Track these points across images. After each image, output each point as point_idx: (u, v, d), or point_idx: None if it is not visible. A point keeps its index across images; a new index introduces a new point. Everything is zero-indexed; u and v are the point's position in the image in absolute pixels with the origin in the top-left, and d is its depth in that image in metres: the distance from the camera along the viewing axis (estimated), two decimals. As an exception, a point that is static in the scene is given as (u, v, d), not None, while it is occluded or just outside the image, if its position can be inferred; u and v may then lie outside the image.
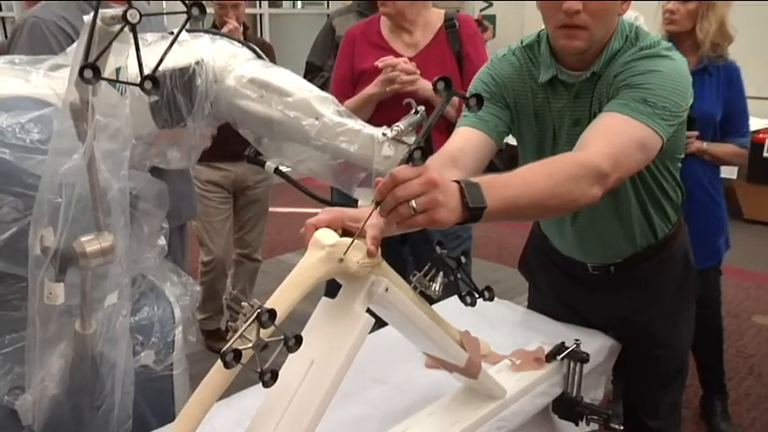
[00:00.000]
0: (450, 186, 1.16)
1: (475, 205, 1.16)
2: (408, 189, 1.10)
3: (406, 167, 1.11)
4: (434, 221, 1.12)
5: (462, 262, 1.34)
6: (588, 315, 1.91)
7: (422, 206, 1.11)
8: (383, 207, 1.13)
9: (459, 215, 1.16)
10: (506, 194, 1.22)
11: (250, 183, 3.66)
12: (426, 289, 1.33)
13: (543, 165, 1.33)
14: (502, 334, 1.88)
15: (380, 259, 1.21)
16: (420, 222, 1.12)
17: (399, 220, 1.12)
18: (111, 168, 1.34)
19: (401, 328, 1.37)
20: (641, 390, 1.88)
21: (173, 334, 1.64)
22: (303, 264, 1.16)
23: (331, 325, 1.19)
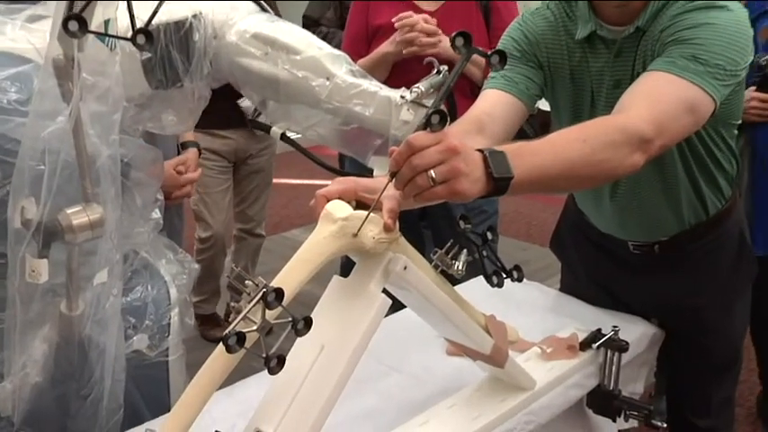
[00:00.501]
0: (473, 155, 1.15)
1: (500, 175, 1.16)
2: (426, 157, 1.10)
3: (423, 133, 1.11)
4: (455, 193, 1.12)
5: (489, 238, 1.35)
6: (628, 299, 1.91)
7: (441, 176, 1.11)
8: (399, 178, 1.13)
9: (482, 186, 1.15)
10: (536, 163, 1.22)
11: (252, 151, 3.67)
12: (448, 268, 1.34)
13: (578, 130, 1.32)
14: (531, 319, 1.88)
15: (398, 234, 1.21)
16: (440, 194, 1.12)
17: (417, 191, 1.12)
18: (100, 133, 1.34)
19: (420, 310, 1.38)
20: (689, 384, 1.88)
21: (168, 316, 1.65)
22: (313, 239, 1.16)
23: (343, 306, 1.19)
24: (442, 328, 1.44)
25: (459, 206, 2.58)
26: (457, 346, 1.48)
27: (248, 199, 3.83)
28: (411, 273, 1.24)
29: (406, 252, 1.25)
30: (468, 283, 1.86)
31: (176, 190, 2.26)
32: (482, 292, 1.50)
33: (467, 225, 1.34)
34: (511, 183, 1.17)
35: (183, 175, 2.27)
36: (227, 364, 1.09)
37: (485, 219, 2.70)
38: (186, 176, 2.30)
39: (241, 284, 1.06)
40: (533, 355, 1.67)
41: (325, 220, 1.18)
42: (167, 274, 1.70)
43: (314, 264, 1.14)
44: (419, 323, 1.43)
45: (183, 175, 2.28)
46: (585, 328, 1.74)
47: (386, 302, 1.18)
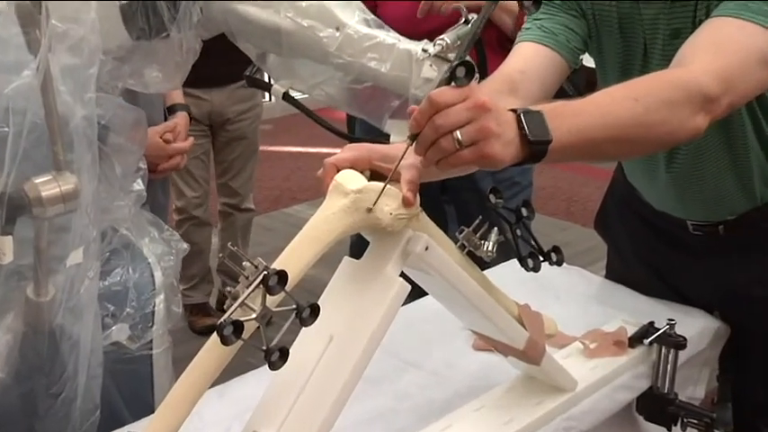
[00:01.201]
0: (505, 114, 1.16)
1: (536, 138, 1.17)
2: (451, 116, 1.11)
3: (447, 89, 1.12)
4: (485, 157, 1.13)
5: (523, 215, 1.35)
6: (687, 288, 1.92)
7: (469, 137, 1.11)
8: (420, 141, 1.14)
9: (515, 151, 1.16)
10: (578, 125, 1.22)
11: (230, 115, 3.68)
12: (476, 249, 1.35)
13: (628, 87, 1.32)
14: (572, 309, 1.90)
15: (419, 210, 1.22)
16: (467, 158, 1.12)
17: (441, 156, 1.13)
18: (73, 90, 1.35)
19: (443, 298, 1.39)
20: (759, 388, 1.88)
21: (152, 304, 1.67)
22: (321, 215, 1.17)
23: (355, 292, 1.21)
24: (468, 318, 1.45)
25: (487, 178, 2.58)
26: (485, 339, 1.49)
27: (231, 170, 3.85)
28: (433, 254, 1.24)
29: (428, 230, 1.25)
30: (498, 267, 1.87)
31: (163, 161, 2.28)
32: (515, 277, 1.51)
33: (498, 199, 1.34)
34: (549, 147, 1.18)
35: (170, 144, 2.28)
36: (222, 358, 1.11)
37: (518, 192, 2.71)
38: (175, 146, 2.31)
39: (237, 266, 1.07)
40: (574, 352, 1.68)
41: (334, 193, 1.19)
42: (151, 255, 1.72)
43: (322, 243, 1.15)
44: (442, 313, 1.44)
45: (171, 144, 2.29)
46: (635, 320, 1.74)
47: (404, 288, 1.19)
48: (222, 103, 3.61)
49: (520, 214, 1.36)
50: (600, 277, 2.10)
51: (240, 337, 1.01)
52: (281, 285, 1.03)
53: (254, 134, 3.84)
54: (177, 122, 2.38)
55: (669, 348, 1.65)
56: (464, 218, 2.83)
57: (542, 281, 1.91)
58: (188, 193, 3.72)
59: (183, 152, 2.34)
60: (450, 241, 1.32)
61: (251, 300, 1.04)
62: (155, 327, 1.68)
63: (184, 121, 2.43)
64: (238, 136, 3.74)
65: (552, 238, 4.57)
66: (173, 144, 2.30)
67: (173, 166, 2.32)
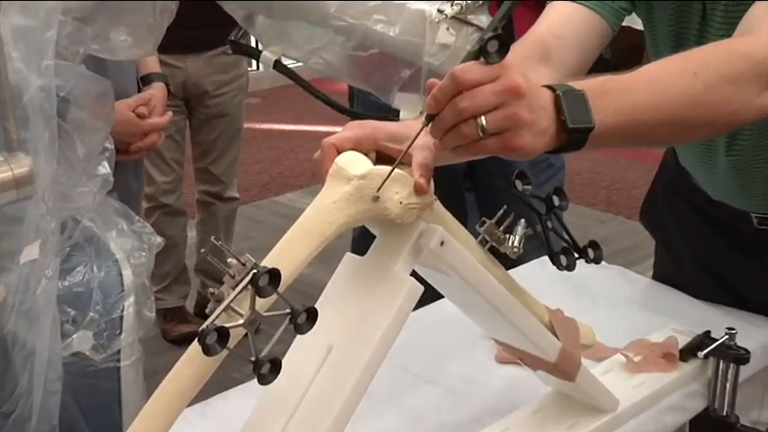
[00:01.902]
0: (540, 95, 1.16)
1: (576, 125, 1.17)
2: (477, 99, 1.11)
3: (474, 65, 1.12)
4: (511, 149, 1.13)
5: (555, 204, 1.36)
6: (749, 292, 1.92)
7: (495, 125, 1.12)
8: (438, 124, 1.14)
9: (550, 140, 1.17)
10: (626, 106, 1.23)
11: (209, 87, 3.68)
12: (500, 244, 1.35)
13: (685, 59, 1.32)
14: (613, 315, 1.90)
15: (433, 198, 1.23)
16: (490, 148, 1.13)
17: (460, 143, 1.14)
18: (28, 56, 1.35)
19: (462, 301, 1.40)
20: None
21: (120, 308, 1.68)
22: (318, 204, 1.18)
23: (359, 295, 1.22)
24: (490, 325, 1.46)
25: (519, 160, 2.60)
26: (510, 350, 1.50)
27: (211, 152, 3.85)
28: (450, 250, 1.25)
29: (444, 222, 1.26)
30: (526, 266, 1.88)
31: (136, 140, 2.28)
32: (545, 277, 1.52)
33: (525, 186, 1.35)
34: (591, 135, 1.19)
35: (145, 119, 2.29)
36: (203, 371, 1.11)
37: (550, 176, 2.72)
38: (150, 121, 2.32)
39: (222, 264, 1.08)
40: (616, 366, 1.68)
41: (335, 179, 1.20)
42: (119, 251, 1.73)
43: (319, 237, 1.16)
44: (459, 319, 1.44)
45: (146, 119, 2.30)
46: (688, 329, 1.74)
47: (415, 290, 1.20)
48: (199, 72, 3.61)
49: (551, 203, 1.36)
50: (646, 278, 2.10)
51: (225, 345, 1.01)
52: (273, 286, 1.04)
53: (238, 110, 3.84)
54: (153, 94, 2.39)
55: (728, 363, 1.65)
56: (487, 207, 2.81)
57: (577, 282, 1.92)
58: (157, 178, 3.73)
59: (160, 129, 2.35)
60: (469, 235, 1.33)
61: (237, 303, 1.04)
62: (123, 335, 1.69)
63: (161, 93, 2.44)
64: (219, 112, 3.75)
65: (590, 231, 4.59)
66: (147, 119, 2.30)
67: (148, 145, 2.33)
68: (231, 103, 3.77)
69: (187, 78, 3.60)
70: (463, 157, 1.18)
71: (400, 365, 1.70)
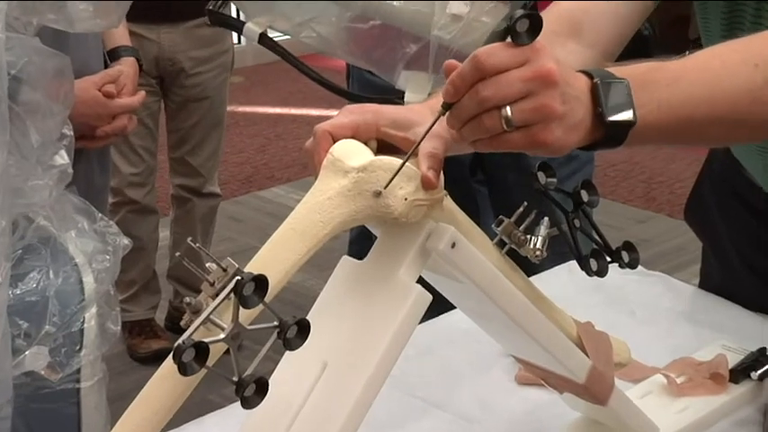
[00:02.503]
0: (576, 83, 1.16)
1: (616, 119, 1.17)
2: (503, 86, 1.11)
3: (500, 47, 1.12)
4: (541, 145, 1.14)
5: (583, 200, 1.36)
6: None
7: (522, 117, 1.12)
8: (456, 113, 1.15)
9: (584, 135, 1.17)
10: (671, 99, 1.22)
11: (186, 64, 3.67)
12: (520, 247, 1.35)
13: (746, 46, 1.31)
14: (652, 329, 1.91)
15: (443, 194, 1.24)
16: (515, 143, 1.14)
17: (481, 136, 1.15)
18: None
19: (476, 312, 1.41)
20: None
21: (81, 320, 1.68)
22: (311, 201, 1.19)
23: (357, 305, 1.22)
24: (509, 341, 1.47)
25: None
26: (532, 370, 1.50)
27: (189, 140, 3.85)
28: (463, 253, 1.25)
29: (455, 221, 1.27)
30: (551, 272, 1.88)
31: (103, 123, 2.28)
32: (573, 285, 1.52)
33: (549, 178, 1.35)
34: (631, 131, 1.19)
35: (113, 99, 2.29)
36: (177, 394, 1.11)
37: (578, 168, 2.71)
38: (120, 102, 2.32)
39: (199, 270, 1.09)
40: (655, 388, 1.68)
41: (329, 172, 1.20)
42: (79, 254, 1.73)
43: (312, 239, 1.16)
44: (473, 333, 1.45)
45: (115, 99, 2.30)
46: (740, 346, 1.75)
47: (423, 299, 1.20)
48: (175, 46, 3.60)
49: (579, 199, 1.36)
50: (692, 286, 2.11)
51: (204, 364, 1.02)
52: (260, 295, 1.04)
53: (221, 92, 3.83)
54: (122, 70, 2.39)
55: (786, 384, 1.67)
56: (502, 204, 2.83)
57: (611, 290, 1.93)
58: (124, 169, 3.72)
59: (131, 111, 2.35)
60: (484, 236, 1.34)
61: (218, 315, 1.05)
62: (83, 351, 1.69)
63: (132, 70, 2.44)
64: (199, 94, 3.74)
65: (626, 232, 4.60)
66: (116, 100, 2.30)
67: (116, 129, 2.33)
68: (213, 84, 3.76)
69: (161, 53, 3.59)
70: (481, 150, 1.19)
71: (405, 387, 1.71)
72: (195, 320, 1.04)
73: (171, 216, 4.04)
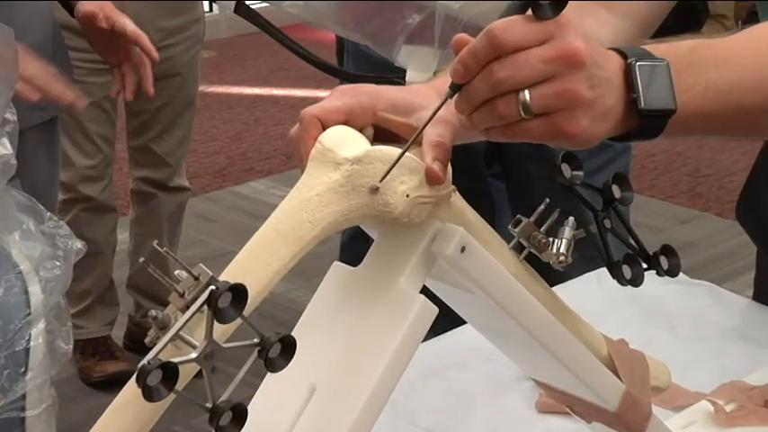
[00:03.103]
0: (608, 64, 1.17)
1: (652, 107, 1.18)
2: (522, 67, 1.12)
3: (519, 21, 1.12)
4: (564, 136, 1.15)
5: (615, 197, 1.37)
6: None
7: (542, 103, 1.12)
8: (466, 97, 1.16)
9: (615, 124, 1.18)
10: (721, 84, 1.22)
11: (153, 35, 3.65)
12: (541, 251, 1.36)
13: None
14: (697, 348, 1.92)
15: (451, 189, 1.25)
16: (534, 133, 1.15)
17: (495, 124, 1.16)
18: None
19: (489, 328, 1.42)
20: None
21: (26, 336, 1.69)
22: (297, 197, 1.20)
23: (351, 319, 1.23)
24: (528, 361, 1.48)
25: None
26: (555, 395, 1.51)
27: (154, 125, 3.85)
28: (474, 258, 1.26)
29: (465, 221, 1.28)
30: (577, 281, 1.89)
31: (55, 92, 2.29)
32: (604, 296, 1.53)
33: (575, 171, 1.36)
34: (670, 120, 1.19)
35: None
36: (141, 424, 1.12)
37: (610, 159, 2.72)
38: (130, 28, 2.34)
39: (166, 278, 1.10)
40: (700, 416, 1.69)
41: (319, 164, 1.21)
42: (24, 260, 1.73)
43: (298, 242, 1.17)
44: (486, 352, 1.46)
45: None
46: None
47: (428, 312, 1.21)
48: (140, 14, 3.58)
49: (610, 195, 1.37)
50: (744, 298, 2.12)
51: (173, 388, 1.02)
52: (237, 308, 1.04)
53: (193, 68, 3.84)
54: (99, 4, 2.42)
55: None
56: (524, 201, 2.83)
57: (648, 302, 1.94)
58: (78, 161, 3.73)
59: None
60: (499, 239, 1.35)
61: (188, 330, 1.05)
62: (29, 374, 1.69)
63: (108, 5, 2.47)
64: (167, 71, 3.73)
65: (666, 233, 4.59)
66: None
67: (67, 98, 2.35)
68: (184, 58, 3.77)
69: None
70: (495, 140, 1.20)
71: (406, 415, 1.71)
72: (162, 337, 1.04)
73: (131, 215, 4.04)
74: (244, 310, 1.06)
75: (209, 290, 1.03)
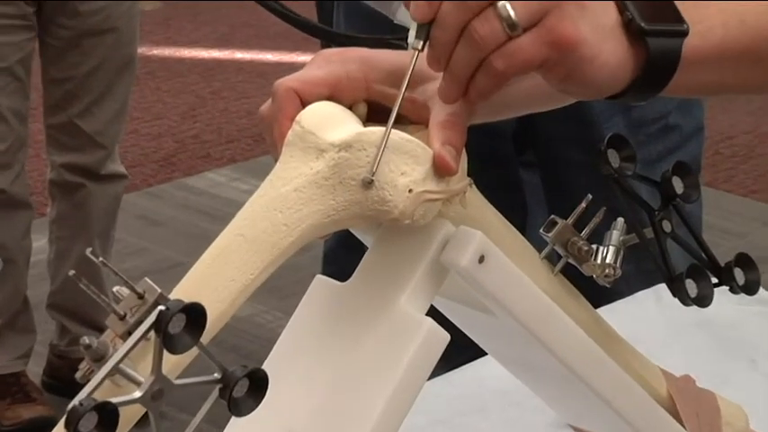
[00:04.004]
0: None
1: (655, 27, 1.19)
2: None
3: None
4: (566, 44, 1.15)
5: (677, 193, 1.38)
6: None
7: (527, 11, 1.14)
8: (436, 36, 1.17)
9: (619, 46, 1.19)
10: (747, 15, 1.26)
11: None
12: (582, 261, 1.38)
13: None
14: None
15: (467, 182, 1.27)
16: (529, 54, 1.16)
17: (476, 58, 1.16)
18: None
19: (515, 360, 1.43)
20: None
21: None
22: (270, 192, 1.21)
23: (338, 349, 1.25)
24: (564, 403, 1.49)
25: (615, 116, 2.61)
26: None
27: (81, 95, 3.86)
28: (496, 271, 1.27)
29: (485, 223, 1.30)
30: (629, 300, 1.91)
31: None
32: (663, 319, 1.53)
33: (625, 162, 1.37)
34: (681, 55, 1.21)
35: None
36: None
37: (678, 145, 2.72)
38: None
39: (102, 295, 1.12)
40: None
41: (297, 150, 1.23)
42: None
43: (270, 250, 1.19)
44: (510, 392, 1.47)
45: None
46: None
47: (436, 339, 1.23)
48: None
49: (670, 190, 1.39)
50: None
51: None
52: (193, 334, 1.05)
53: (131, 22, 3.85)
54: None
55: None
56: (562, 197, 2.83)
57: (719, 328, 1.94)
58: None
59: None
60: (528, 246, 1.37)
61: (131, 363, 1.07)
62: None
63: None
64: (99, 26, 3.75)
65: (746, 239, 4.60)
66: None
67: None
68: (119, 10, 3.78)
69: None
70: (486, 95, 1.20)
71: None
72: (98, 371, 1.05)
73: (50, 214, 4.04)
74: (201, 337, 1.06)
75: (158, 311, 1.03)
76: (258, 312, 3.09)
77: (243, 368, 1.08)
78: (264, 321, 3.05)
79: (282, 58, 4.82)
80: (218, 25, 6.72)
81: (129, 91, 3.94)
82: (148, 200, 4.08)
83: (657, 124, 2.68)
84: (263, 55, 6.21)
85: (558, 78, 1.18)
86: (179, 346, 1.04)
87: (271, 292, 1.11)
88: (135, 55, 3.93)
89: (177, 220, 4.64)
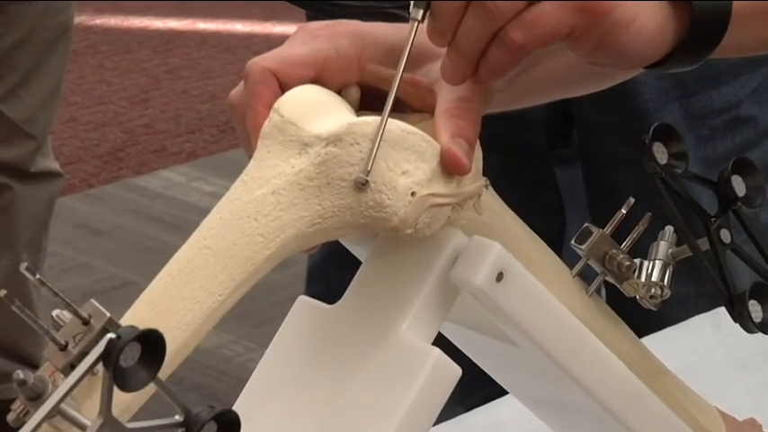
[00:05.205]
0: None
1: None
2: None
3: None
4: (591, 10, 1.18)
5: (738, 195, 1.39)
6: None
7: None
8: (458, 45, 1.20)
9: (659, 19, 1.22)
10: None
11: None
12: (622, 279, 1.39)
13: None
14: None
15: (482, 183, 1.29)
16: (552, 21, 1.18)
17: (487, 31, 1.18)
18: None
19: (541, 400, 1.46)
20: None
21: None
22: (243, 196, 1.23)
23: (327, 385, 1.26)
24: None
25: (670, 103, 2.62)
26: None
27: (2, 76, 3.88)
28: (517, 291, 1.29)
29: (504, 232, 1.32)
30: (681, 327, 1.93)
31: None
32: (722, 349, 1.55)
33: (675, 160, 1.39)
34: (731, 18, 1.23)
35: None
36: None
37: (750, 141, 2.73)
38: None
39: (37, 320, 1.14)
40: None
41: (276, 144, 1.25)
42: None
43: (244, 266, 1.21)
44: None
45: None
46: None
47: (445, 374, 1.24)
48: None
49: (729, 192, 1.40)
50: None
51: None
52: (150, 368, 1.07)
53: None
54: None
55: None
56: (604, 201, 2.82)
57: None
58: None
59: None
60: (557, 260, 1.39)
61: (75, 403, 1.09)
62: None
63: None
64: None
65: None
66: None
67: None
68: None
69: None
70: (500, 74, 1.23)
71: None
72: (34, 413, 1.06)
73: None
74: (159, 372, 1.07)
75: (107, 339, 1.04)
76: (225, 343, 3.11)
77: (210, 409, 1.09)
78: (233, 354, 3.07)
79: (254, 29, 4.83)
80: None
81: (64, 69, 3.95)
82: (90, 204, 4.08)
83: (726, 115, 2.66)
84: (231, 25, 6.21)
85: (587, 49, 1.20)
86: (132, 381, 1.05)
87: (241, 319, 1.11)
88: (71, 24, 3.93)
89: (125, 228, 4.63)
